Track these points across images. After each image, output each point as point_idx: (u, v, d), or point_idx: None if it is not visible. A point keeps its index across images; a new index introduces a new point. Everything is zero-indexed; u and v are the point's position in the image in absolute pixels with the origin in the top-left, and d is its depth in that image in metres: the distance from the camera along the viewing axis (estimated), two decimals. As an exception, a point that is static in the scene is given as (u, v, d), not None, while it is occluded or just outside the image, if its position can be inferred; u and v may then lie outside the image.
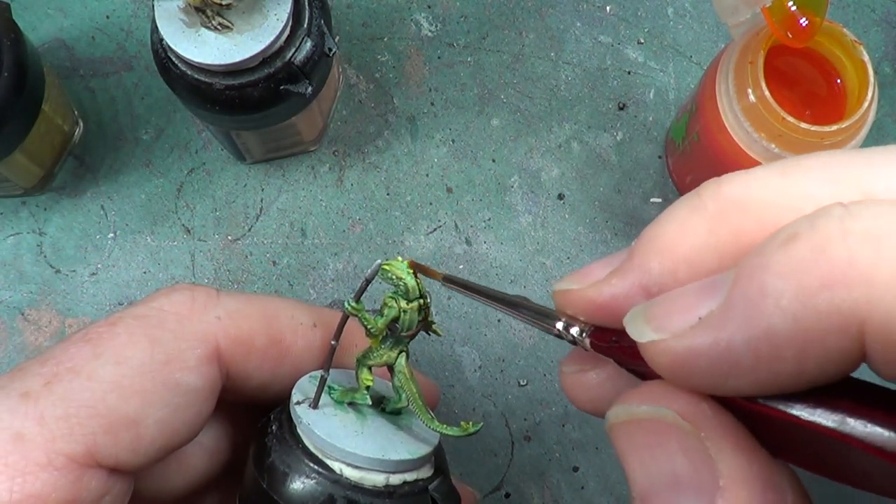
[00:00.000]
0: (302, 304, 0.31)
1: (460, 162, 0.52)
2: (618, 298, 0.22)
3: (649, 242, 0.22)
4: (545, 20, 0.54)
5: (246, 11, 0.39)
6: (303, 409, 0.29)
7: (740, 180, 0.21)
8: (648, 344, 0.20)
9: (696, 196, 0.22)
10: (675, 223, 0.22)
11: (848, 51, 0.41)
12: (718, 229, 0.21)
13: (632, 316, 0.21)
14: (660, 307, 0.20)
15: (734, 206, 0.21)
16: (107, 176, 0.51)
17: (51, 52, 0.52)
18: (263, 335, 0.29)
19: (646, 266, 0.22)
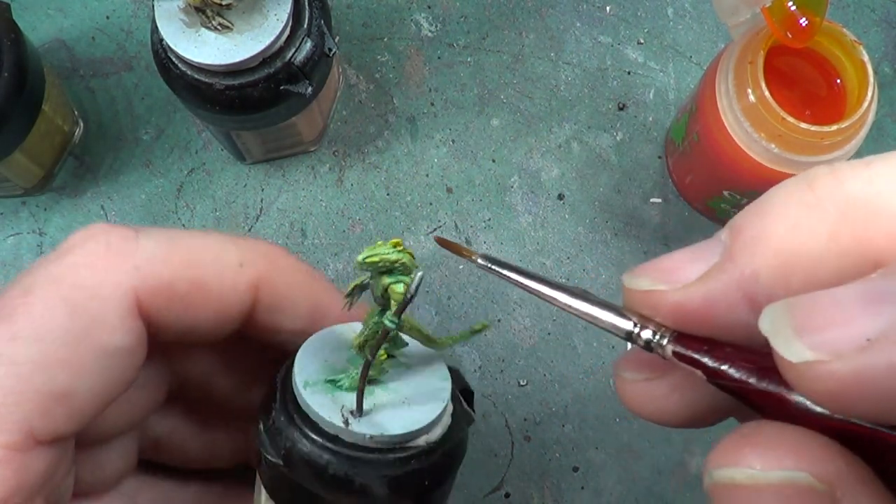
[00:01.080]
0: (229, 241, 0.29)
1: (460, 162, 0.52)
2: (714, 304, 0.19)
3: (755, 241, 0.19)
4: (545, 20, 0.54)
5: (246, 11, 0.39)
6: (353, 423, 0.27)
7: (864, 177, 0.18)
8: (802, 365, 0.16)
9: (809, 189, 0.19)
10: (787, 222, 0.19)
11: (847, 51, 0.41)
12: (841, 235, 0.18)
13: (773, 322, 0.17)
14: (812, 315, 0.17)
15: (858, 208, 0.18)
16: (107, 176, 0.51)
17: (51, 53, 0.52)
18: (185, 281, 0.27)
19: (751, 270, 0.19)
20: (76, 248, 0.26)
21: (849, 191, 0.18)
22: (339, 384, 0.28)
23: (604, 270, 0.51)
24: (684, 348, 0.20)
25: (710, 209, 0.50)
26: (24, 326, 0.25)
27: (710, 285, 0.19)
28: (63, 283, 0.25)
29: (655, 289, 0.20)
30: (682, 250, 0.21)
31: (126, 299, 0.26)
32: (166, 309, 0.27)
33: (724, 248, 0.20)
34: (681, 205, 0.52)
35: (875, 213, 0.18)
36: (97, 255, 0.26)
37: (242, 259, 0.28)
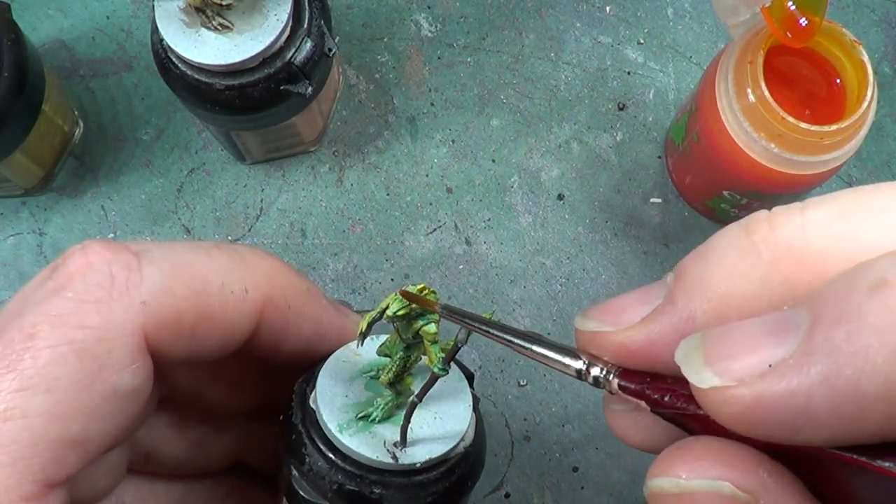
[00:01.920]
0: (234, 261, 0.28)
1: (460, 162, 0.52)
2: (655, 343, 0.20)
3: (694, 285, 0.20)
4: (545, 20, 0.54)
5: (246, 11, 0.39)
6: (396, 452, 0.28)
7: (795, 223, 0.19)
8: (711, 390, 0.18)
9: (745, 235, 0.20)
10: (724, 267, 0.20)
11: (847, 51, 0.41)
12: (772, 279, 0.19)
13: (686, 354, 0.19)
14: (720, 346, 0.18)
15: (790, 254, 0.19)
16: (107, 176, 0.51)
17: (51, 53, 0.52)
18: (192, 313, 0.26)
19: (689, 311, 0.20)
20: (76, 280, 0.25)
21: (781, 236, 0.19)
22: (371, 419, 0.29)
23: (604, 270, 0.51)
24: (628, 382, 0.21)
25: (709, 209, 0.50)
26: (33, 376, 0.24)
27: (650, 328, 0.21)
28: (68, 324, 0.24)
29: (602, 330, 0.22)
30: (630, 292, 0.22)
31: (134, 337, 0.25)
32: (173, 341, 0.26)
33: (666, 291, 0.21)
34: (681, 205, 0.52)
35: (803, 257, 0.19)
36: (102, 291, 0.25)
37: (247, 283, 0.28)
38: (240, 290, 0.27)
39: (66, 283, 0.25)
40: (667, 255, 0.51)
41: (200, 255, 0.27)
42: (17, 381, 0.24)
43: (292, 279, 0.29)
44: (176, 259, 0.26)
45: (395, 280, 0.50)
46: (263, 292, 0.28)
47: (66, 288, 0.25)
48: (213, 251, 0.27)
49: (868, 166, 0.52)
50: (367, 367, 0.30)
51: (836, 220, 0.19)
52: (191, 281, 0.26)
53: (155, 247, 0.27)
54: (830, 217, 0.19)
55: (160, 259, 0.26)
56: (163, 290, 0.26)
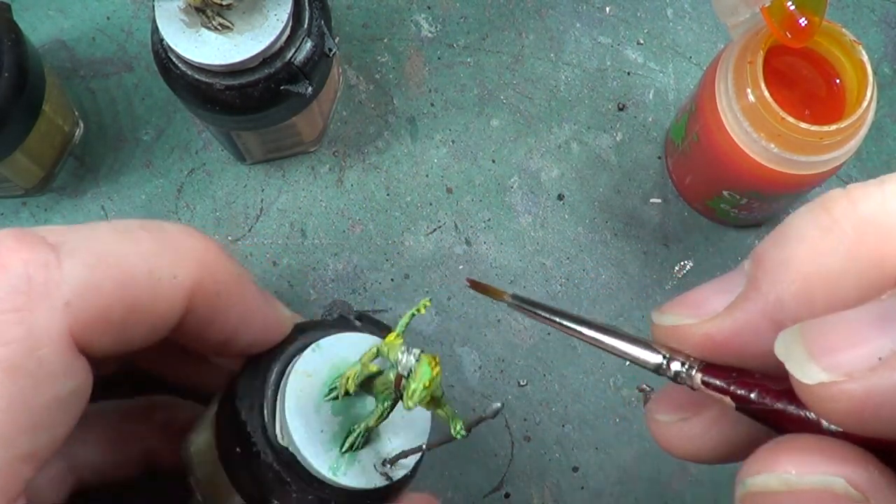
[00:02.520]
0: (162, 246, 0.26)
1: (460, 162, 0.52)
2: (742, 333, 0.20)
3: (776, 267, 0.19)
4: (545, 21, 0.54)
5: (246, 11, 0.39)
6: None
7: (876, 197, 0.19)
8: (818, 387, 0.17)
9: (824, 213, 0.19)
10: (806, 245, 0.19)
11: (847, 51, 0.41)
12: (858, 254, 0.19)
13: (787, 347, 0.18)
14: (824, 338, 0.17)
15: (874, 228, 0.19)
16: (107, 176, 0.51)
17: (51, 53, 0.52)
18: (119, 306, 0.24)
19: (776, 295, 0.19)
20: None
21: (863, 211, 0.19)
22: (356, 448, 0.29)
23: (604, 270, 0.51)
24: (713, 377, 0.20)
25: (709, 209, 0.50)
26: None
27: (736, 315, 0.20)
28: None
29: (683, 323, 0.21)
30: (707, 283, 0.21)
31: (63, 341, 0.23)
32: (101, 337, 0.25)
33: (747, 278, 0.20)
34: (681, 205, 0.52)
35: (890, 230, 0.18)
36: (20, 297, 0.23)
37: (176, 267, 0.26)
38: (168, 275, 0.25)
39: None
40: (667, 255, 0.51)
41: (125, 241, 0.25)
42: None
43: (223, 262, 0.27)
44: (99, 249, 0.24)
45: (394, 280, 0.50)
46: (193, 277, 0.26)
47: None
48: (139, 234, 0.25)
49: (868, 166, 0.52)
50: (324, 388, 0.29)
51: None
52: (116, 272, 0.24)
53: (74, 235, 0.24)
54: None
55: (81, 250, 0.24)
56: (87, 287, 0.24)
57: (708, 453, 0.22)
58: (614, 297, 0.50)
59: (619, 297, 0.50)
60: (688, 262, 0.51)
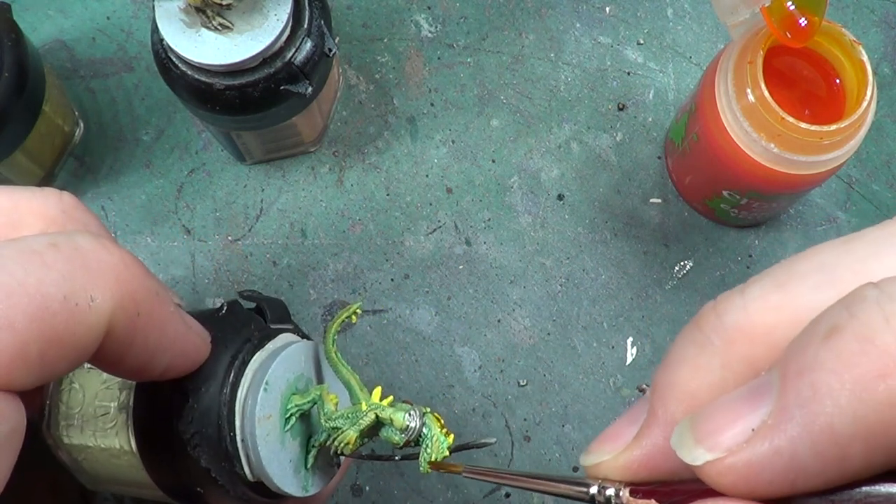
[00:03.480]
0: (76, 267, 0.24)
1: (460, 162, 0.52)
2: (653, 457, 0.22)
3: (667, 392, 0.22)
4: (545, 21, 0.54)
5: (246, 11, 0.39)
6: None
7: (738, 305, 0.21)
8: (706, 466, 0.19)
9: (697, 331, 0.21)
10: (686, 366, 0.21)
11: (847, 51, 0.41)
12: (730, 363, 0.20)
13: (679, 439, 0.20)
14: (706, 423, 0.19)
15: (740, 335, 0.20)
16: (107, 176, 0.51)
17: (51, 53, 0.52)
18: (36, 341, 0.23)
19: (669, 416, 0.21)
20: None
21: (728, 322, 0.21)
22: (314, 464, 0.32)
23: (604, 270, 0.51)
24: (636, 497, 0.23)
25: (709, 209, 0.50)
26: None
27: (643, 443, 0.22)
28: None
29: (602, 460, 0.23)
30: (620, 417, 0.24)
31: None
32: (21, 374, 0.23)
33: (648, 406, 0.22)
34: (680, 205, 0.52)
35: (752, 335, 0.20)
36: None
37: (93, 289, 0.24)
38: (85, 300, 0.24)
39: None
40: (666, 255, 0.51)
41: (35, 267, 0.23)
42: None
43: (142, 280, 0.26)
44: (7, 280, 0.23)
45: (394, 280, 0.50)
46: (112, 298, 0.24)
47: None
48: (50, 255, 0.24)
49: (867, 166, 0.52)
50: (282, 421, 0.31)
51: (774, 292, 0.20)
52: (29, 305, 0.23)
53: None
54: (767, 290, 0.20)
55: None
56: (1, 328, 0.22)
57: None
58: (614, 297, 0.50)
59: (619, 297, 0.50)
60: (688, 262, 0.51)
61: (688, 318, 0.55)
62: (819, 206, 0.52)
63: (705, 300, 0.22)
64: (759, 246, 0.51)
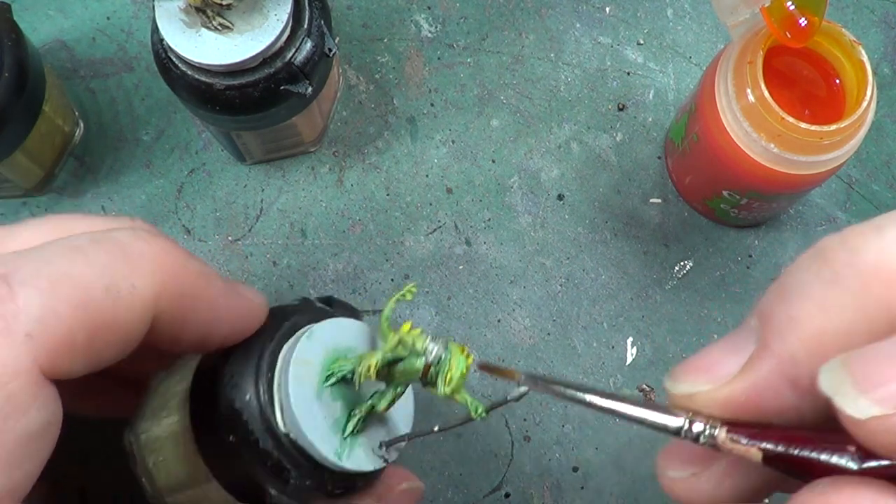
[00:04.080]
0: (117, 259, 0.25)
1: (460, 162, 0.52)
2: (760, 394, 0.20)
3: (784, 326, 0.20)
4: (545, 21, 0.54)
5: (246, 11, 0.39)
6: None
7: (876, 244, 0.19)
8: (871, 421, 0.17)
9: (826, 265, 0.19)
10: (812, 300, 0.19)
11: (847, 51, 0.41)
12: (866, 306, 0.19)
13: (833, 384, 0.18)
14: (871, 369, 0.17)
15: (877, 276, 0.19)
16: (107, 177, 0.51)
17: (51, 53, 0.52)
18: (82, 328, 0.24)
19: (789, 353, 0.20)
20: None
21: (865, 261, 0.19)
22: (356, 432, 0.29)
23: (604, 270, 0.51)
24: (738, 435, 0.20)
25: (709, 209, 0.50)
26: None
27: (752, 376, 0.20)
28: None
29: (699, 390, 0.21)
30: (715, 345, 0.21)
31: (29, 374, 0.23)
32: (69, 361, 0.24)
33: (756, 337, 0.20)
34: (680, 205, 0.52)
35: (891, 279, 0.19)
36: None
37: (135, 278, 0.25)
38: (127, 287, 0.25)
39: None
40: (666, 255, 0.51)
41: (77, 260, 0.24)
42: None
43: (184, 263, 0.27)
44: (51, 272, 0.24)
45: (394, 280, 0.50)
46: (154, 284, 0.25)
47: None
48: (91, 249, 0.25)
49: (867, 167, 0.52)
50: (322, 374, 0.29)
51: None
52: (73, 294, 0.24)
53: (24, 261, 0.24)
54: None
55: (34, 277, 0.24)
56: (46, 315, 0.23)
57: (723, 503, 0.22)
58: (614, 297, 0.50)
59: (619, 297, 0.50)
60: (688, 262, 0.51)
61: (688, 318, 0.55)
62: (819, 206, 0.52)
63: (705, 300, 0.21)
64: (759, 246, 0.51)
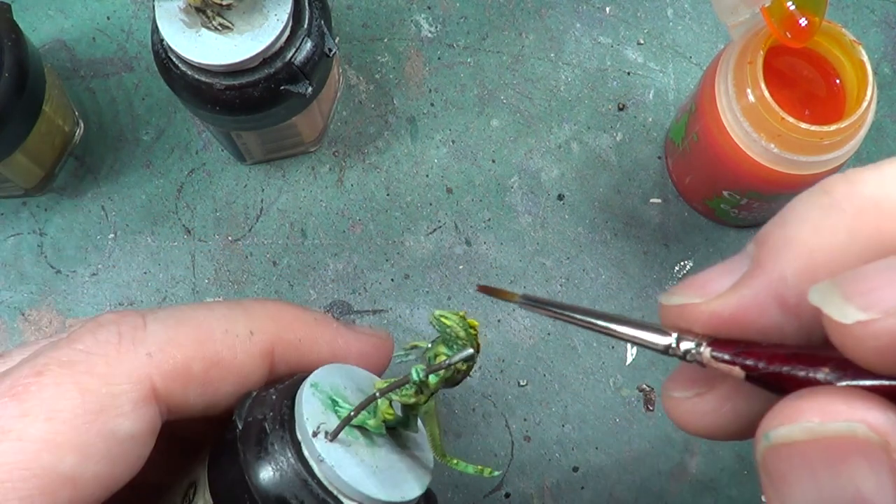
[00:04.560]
0: (234, 310, 0.29)
1: (460, 162, 0.52)
2: (748, 309, 0.20)
3: (779, 246, 0.20)
4: (545, 21, 0.54)
5: (246, 11, 0.39)
6: (322, 445, 0.27)
7: (875, 178, 0.20)
8: (856, 325, 0.17)
9: (825, 195, 0.20)
10: (807, 225, 0.20)
11: (847, 51, 0.41)
12: (859, 231, 0.19)
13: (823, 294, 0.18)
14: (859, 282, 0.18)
15: (873, 206, 0.19)
16: (107, 176, 0.51)
17: (51, 53, 0.52)
18: (199, 360, 0.27)
19: (780, 272, 0.20)
20: (87, 335, 0.27)
21: (862, 192, 0.20)
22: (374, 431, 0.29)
23: (604, 270, 0.51)
24: (721, 351, 0.21)
25: (709, 209, 0.50)
26: (35, 405, 0.25)
27: (741, 293, 0.21)
28: (76, 367, 0.26)
29: (689, 302, 0.22)
30: (713, 266, 0.22)
31: (139, 386, 0.26)
32: (185, 390, 0.27)
33: (751, 259, 0.21)
34: (680, 205, 0.52)
35: (888, 208, 0.19)
36: (109, 345, 0.26)
37: (252, 326, 0.29)
38: (244, 333, 0.28)
39: (76, 338, 0.27)
40: (666, 255, 0.51)
41: (202, 308, 0.28)
42: (18, 408, 0.24)
43: (297, 313, 0.30)
44: (178, 314, 0.28)
45: (394, 280, 0.50)
46: (270, 332, 0.29)
47: (77, 341, 0.26)
48: (214, 304, 0.29)
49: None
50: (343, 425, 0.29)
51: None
52: (194, 331, 0.27)
53: (160, 309, 0.28)
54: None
55: (164, 317, 0.28)
56: (167, 342, 0.27)
57: (721, 429, 0.23)
58: (614, 297, 0.50)
59: (619, 297, 0.50)
60: (688, 262, 0.51)
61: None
62: (819, 206, 0.52)
63: (705, 300, 0.21)
64: (759, 246, 0.51)
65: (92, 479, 0.25)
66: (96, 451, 0.25)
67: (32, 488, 0.24)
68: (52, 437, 0.24)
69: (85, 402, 0.25)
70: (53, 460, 0.24)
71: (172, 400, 0.27)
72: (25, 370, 0.25)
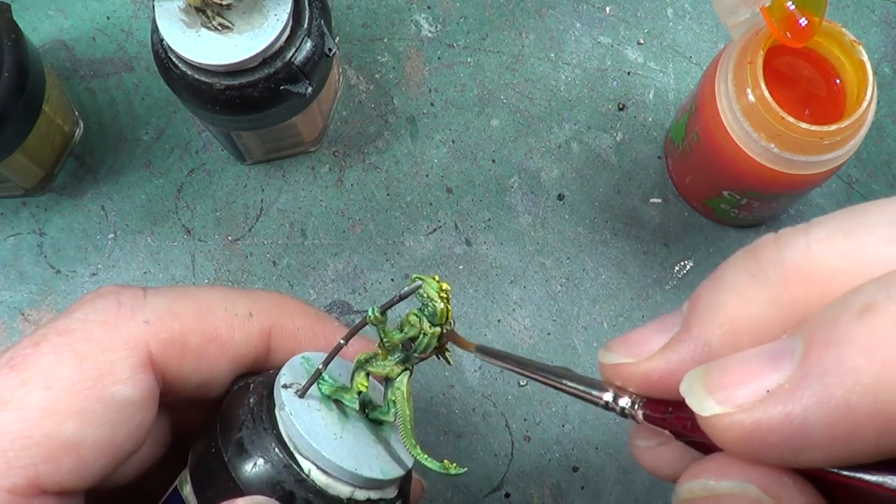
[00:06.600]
0: (236, 292, 0.30)
1: (460, 162, 0.52)
2: (674, 372, 0.21)
3: (707, 312, 0.21)
4: (545, 21, 0.54)
5: (246, 11, 0.39)
6: (288, 396, 0.28)
7: (801, 244, 0.20)
8: (712, 418, 0.19)
9: (753, 260, 0.21)
10: (734, 292, 0.21)
11: (847, 51, 0.41)
12: (782, 299, 0.20)
13: (690, 385, 0.20)
14: (721, 375, 0.19)
15: (797, 274, 0.20)
16: (107, 176, 0.51)
17: (51, 53, 0.52)
18: (197, 333, 0.28)
19: (705, 338, 0.21)
20: (86, 304, 0.27)
21: (787, 258, 0.20)
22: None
23: (604, 270, 0.51)
24: (652, 412, 0.22)
25: (709, 209, 0.50)
26: (33, 374, 0.25)
27: (668, 356, 0.22)
28: (73, 335, 0.26)
29: (623, 362, 0.23)
30: (649, 323, 0.23)
31: (136, 352, 0.26)
32: (180, 362, 0.27)
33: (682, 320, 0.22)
34: (680, 205, 0.52)
35: (810, 277, 0.20)
36: (107, 311, 0.27)
37: (252, 308, 0.29)
38: (244, 312, 0.29)
39: (76, 308, 0.27)
40: (666, 255, 0.51)
41: (204, 287, 0.31)
42: (17, 378, 0.25)
43: (299, 305, 0.31)
44: (180, 289, 0.29)
45: (394, 280, 0.50)
46: (269, 316, 0.29)
47: (76, 311, 0.27)
48: (217, 286, 0.31)
49: (868, 166, 0.52)
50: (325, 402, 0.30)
51: (841, 238, 0.20)
52: (194, 304, 0.28)
53: (163, 287, 0.29)
54: (834, 235, 0.20)
55: (165, 290, 0.28)
56: (166, 312, 0.27)
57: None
58: (614, 297, 0.50)
59: (619, 297, 0.50)
60: (688, 262, 0.51)
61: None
62: (819, 206, 0.52)
63: (705, 300, 0.22)
64: (759, 246, 0.51)
65: (94, 445, 0.25)
66: (96, 416, 0.25)
67: (35, 456, 0.24)
68: (52, 405, 0.25)
69: (83, 369, 0.25)
70: (54, 427, 0.24)
71: (168, 370, 0.27)
72: (24, 342, 0.26)
